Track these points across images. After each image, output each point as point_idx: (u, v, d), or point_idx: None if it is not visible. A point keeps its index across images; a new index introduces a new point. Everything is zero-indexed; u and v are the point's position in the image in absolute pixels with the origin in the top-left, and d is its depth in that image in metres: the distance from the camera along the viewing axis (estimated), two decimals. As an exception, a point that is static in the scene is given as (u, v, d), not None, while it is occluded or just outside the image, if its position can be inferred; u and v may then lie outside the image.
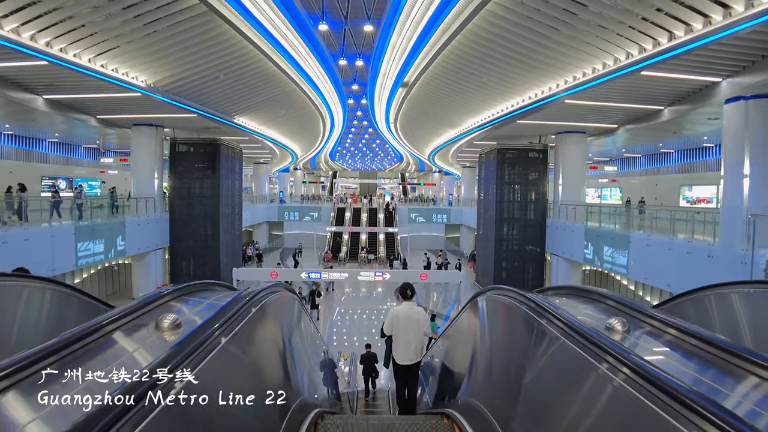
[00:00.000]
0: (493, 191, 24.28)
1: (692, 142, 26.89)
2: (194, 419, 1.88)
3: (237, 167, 25.93)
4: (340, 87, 20.03)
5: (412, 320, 5.21)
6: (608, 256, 17.98)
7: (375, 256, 36.37)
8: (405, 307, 5.26)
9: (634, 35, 11.43)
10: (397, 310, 5.30)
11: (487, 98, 17.90)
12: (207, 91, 16.99)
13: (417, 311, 5.34)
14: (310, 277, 13.80)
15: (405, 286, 5.37)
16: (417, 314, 5.30)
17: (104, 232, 18.19)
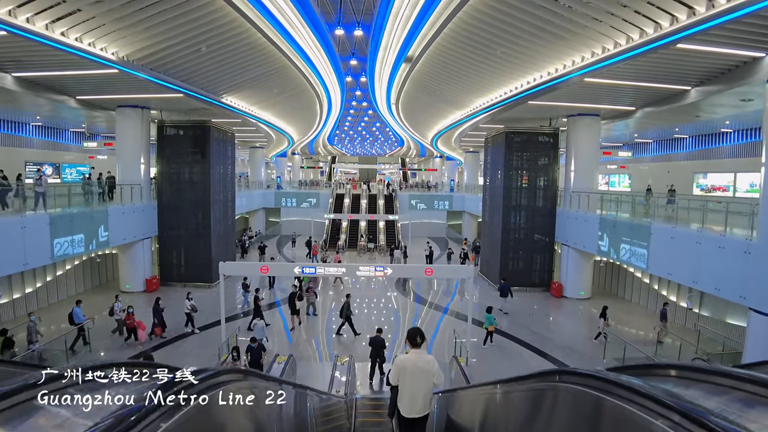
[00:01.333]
0: (499, 177, 22.96)
1: (708, 127, 25.46)
2: None
3: (229, 151, 24.55)
4: (337, 62, 18.50)
5: (421, 371, 4.62)
6: (626, 249, 16.75)
7: (375, 245, 35.17)
8: (413, 355, 4.71)
9: (666, 3, 10.04)
10: (404, 359, 4.74)
11: (500, 75, 16.38)
12: (190, 67, 15.46)
13: (426, 360, 4.74)
14: (303, 273, 12.55)
15: (413, 332, 4.76)
16: (426, 363, 4.70)
17: (84, 222, 16.90)
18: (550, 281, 22.58)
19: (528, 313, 19.15)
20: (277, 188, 43.66)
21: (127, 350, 14.50)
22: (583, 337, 16.54)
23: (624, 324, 17.69)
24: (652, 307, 19.82)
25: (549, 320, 18.70)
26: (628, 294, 21.62)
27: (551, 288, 22.22)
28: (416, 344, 4.73)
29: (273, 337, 15.92)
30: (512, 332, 16.63)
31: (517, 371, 11.74)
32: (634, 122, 22.11)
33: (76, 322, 14.67)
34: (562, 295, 21.62)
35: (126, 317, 15.05)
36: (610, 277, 23.16)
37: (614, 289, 22.73)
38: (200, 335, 15.90)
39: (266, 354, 11.96)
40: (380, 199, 42.52)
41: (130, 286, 21.30)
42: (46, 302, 18.91)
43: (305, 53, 16.20)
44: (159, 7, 11.17)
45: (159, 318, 15.74)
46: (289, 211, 42.19)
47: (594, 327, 17.66)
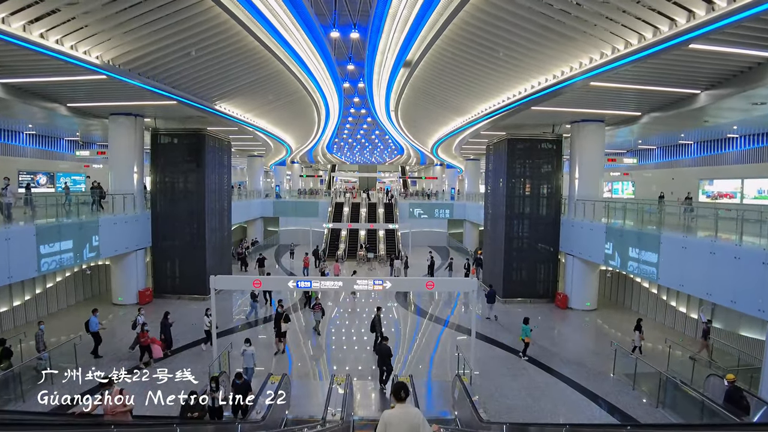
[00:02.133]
0: (502, 185, 22.40)
1: (714, 133, 24.99)
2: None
3: (225, 160, 24.02)
4: (334, 67, 18.00)
5: (407, 426, 4.55)
6: (634, 259, 16.14)
7: (375, 254, 34.54)
8: (399, 410, 4.66)
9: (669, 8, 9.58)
10: (389, 415, 4.65)
11: (503, 78, 15.83)
12: (180, 72, 14.94)
13: (413, 414, 4.65)
14: (299, 287, 11.94)
15: (398, 387, 4.80)
16: (413, 418, 4.61)
17: (73, 233, 16.33)
18: (555, 292, 21.94)
19: (532, 326, 18.46)
20: (277, 197, 43.16)
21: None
22: (590, 350, 15.89)
23: (633, 336, 16.99)
24: (660, 318, 19.18)
25: (554, 333, 18.04)
26: (636, 305, 20.96)
27: (556, 299, 21.58)
28: (401, 399, 4.71)
29: (270, 351, 15.32)
30: (517, 347, 15.96)
31: (524, 389, 11.09)
32: (639, 128, 21.62)
33: (92, 330, 14.58)
34: (568, 306, 20.98)
35: (140, 335, 14.10)
36: (617, 287, 22.52)
37: (621, 299, 22.07)
38: (192, 350, 15.27)
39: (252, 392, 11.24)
40: (380, 207, 41.98)
41: (123, 299, 20.70)
42: (34, 315, 18.28)
43: (300, 58, 15.72)
44: (143, 8, 10.68)
45: (167, 334, 14.94)
46: (288, 220, 41.67)
47: (600, 339, 17.05)
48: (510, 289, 21.99)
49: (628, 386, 12.88)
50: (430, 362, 14.74)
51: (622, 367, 13.79)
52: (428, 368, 14.40)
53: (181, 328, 17.35)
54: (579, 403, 11.98)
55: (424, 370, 14.22)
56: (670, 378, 11.55)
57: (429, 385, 13.15)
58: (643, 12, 10.14)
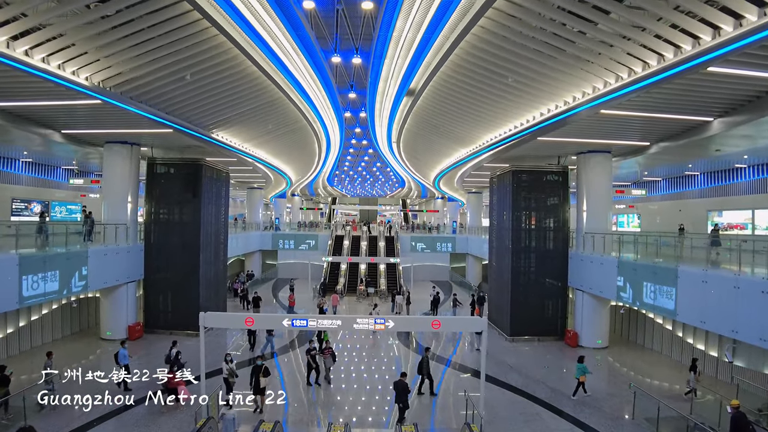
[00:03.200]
0: (507, 218, 21.73)
1: (722, 163, 24.52)
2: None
3: (223, 191, 23.44)
4: (335, 96, 17.60)
5: None
6: (649, 294, 15.30)
7: (375, 289, 33.55)
8: None
9: (692, 25, 9.13)
10: None
11: (510, 106, 15.35)
12: (174, 97, 14.41)
13: None
14: (294, 326, 11.07)
15: None
16: None
17: (60, 264, 15.57)
18: (564, 329, 20.95)
19: (542, 366, 17.47)
20: (276, 230, 42.48)
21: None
22: (606, 392, 14.84)
23: (649, 376, 16.00)
24: (677, 356, 18.15)
25: (566, 373, 16.99)
26: (649, 342, 19.95)
27: (566, 337, 20.55)
28: None
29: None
30: (528, 389, 14.93)
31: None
32: (646, 159, 21.12)
33: (122, 362, 14.17)
34: (578, 344, 19.94)
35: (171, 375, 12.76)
36: (628, 324, 21.53)
37: (633, 337, 21.05)
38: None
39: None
40: (381, 240, 41.24)
41: (111, 333, 19.71)
42: (16, 349, 17.32)
43: (300, 85, 15.32)
44: (135, 26, 10.25)
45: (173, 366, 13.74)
46: (287, 254, 40.88)
47: (615, 379, 16.00)
48: (517, 326, 20.98)
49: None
50: (432, 409, 13.65)
51: (642, 411, 12.76)
52: (432, 412, 13.34)
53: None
54: (599, 453, 10.94)
55: (428, 414, 13.16)
56: (698, 424, 10.55)
57: None
58: (663, 29, 9.66)
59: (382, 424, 12.60)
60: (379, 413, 13.36)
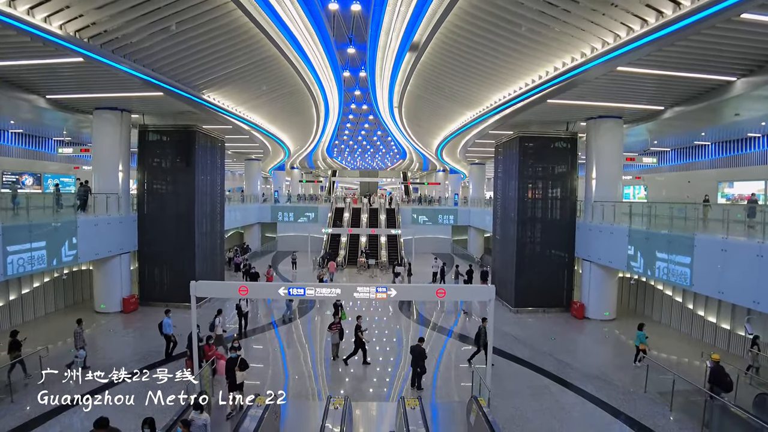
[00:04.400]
0: (513, 187, 20.97)
1: (734, 132, 23.68)
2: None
3: (218, 160, 22.64)
4: (333, 52, 16.46)
5: None
6: (662, 264, 14.67)
7: (376, 261, 33.05)
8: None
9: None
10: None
11: (520, 62, 14.22)
12: (160, 52, 13.27)
13: None
14: (290, 294, 10.47)
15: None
16: None
17: (47, 234, 14.91)
18: (570, 301, 20.44)
19: (549, 338, 16.99)
20: (275, 202, 41.77)
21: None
22: (616, 365, 14.36)
23: (659, 349, 15.51)
24: (686, 329, 17.67)
25: (574, 345, 16.53)
26: (657, 315, 19.46)
27: (572, 308, 20.07)
28: None
29: (266, 361, 13.87)
30: (535, 361, 14.45)
31: (548, 410, 9.53)
32: (658, 126, 20.22)
33: (166, 332, 14.39)
34: (584, 316, 19.47)
35: (206, 348, 12.56)
36: (635, 295, 21.02)
37: (641, 309, 20.55)
38: (174, 364, 13.76)
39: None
40: (382, 213, 40.56)
41: (105, 306, 19.26)
42: (8, 324, 16.82)
43: (295, 38, 14.21)
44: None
45: None
46: (286, 226, 40.28)
47: (625, 352, 15.51)
48: (522, 297, 20.48)
49: (663, 407, 11.37)
50: (433, 384, 13.16)
51: (655, 385, 12.29)
52: (435, 386, 12.86)
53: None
54: (612, 427, 10.45)
55: (430, 388, 12.69)
56: (716, 398, 10.03)
57: (435, 407, 11.60)
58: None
59: (383, 397, 12.14)
60: (381, 386, 12.90)
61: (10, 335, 12.62)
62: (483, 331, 13.62)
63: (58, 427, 10.03)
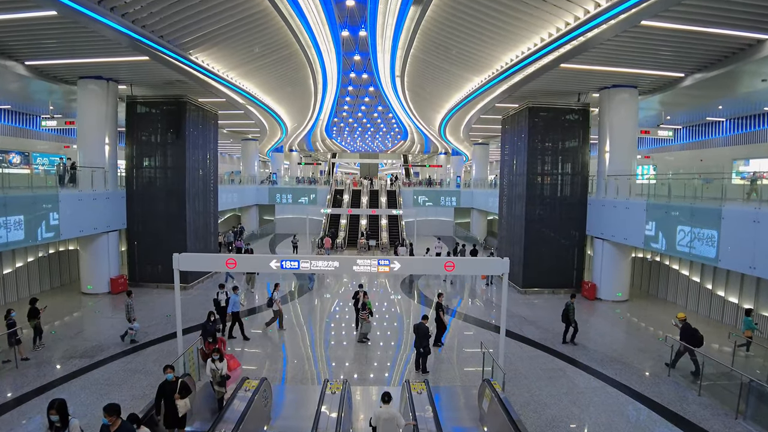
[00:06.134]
0: (521, 161, 19.89)
1: (751, 107, 22.46)
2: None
3: (211, 133, 21.53)
4: (330, 5, 15.12)
5: (388, 419, 7.14)
6: (684, 240, 13.68)
7: (376, 242, 32.10)
8: (383, 409, 7.22)
9: None
10: (378, 412, 7.23)
11: (537, 11, 12.76)
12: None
13: (391, 413, 7.19)
14: (283, 267, 9.47)
15: (385, 396, 7.31)
16: (391, 415, 7.17)
17: (24, 208, 13.91)
18: (581, 281, 19.50)
19: (560, 319, 16.04)
20: (273, 184, 40.71)
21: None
22: (634, 346, 13.43)
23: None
24: (704, 311, 16.75)
25: (588, 327, 15.59)
26: (672, 296, 18.53)
27: (583, 289, 19.13)
28: (385, 401, 7.28)
29: (255, 342, 12.97)
30: (546, 343, 13.55)
31: (565, 395, 8.51)
32: (674, 96, 19.00)
33: (231, 310, 13.63)
34: (596, 297, 18.55)
35: (206, 345, 11.26)
36: (648, 276, 20.06)
37: (654, 290, 19.61)
38: (160, 347, 12.86)
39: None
40: (383, 195, 39.53)
41: (93, 287, 18.34)
42: (-10, 305, 15.92)
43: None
44: None
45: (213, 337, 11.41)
46: (285, 208, 39.27)
47: (642, 334, 14.61)
48: (530, 278, 19.53)
49: (690, 391, 10.46)
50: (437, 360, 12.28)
51: (680, 368, 11.38)
52: (442, 369, 11.95)
53: (158, 319, 15.08)
54: (637, 413, 9.53)
55: (436, 371, 11.78)
56: (754, 381, 9.10)
57: (437, 390, 10.70)
58: None
59: (384, 381, 11.23)
60: (382, 369, 11.99)
61: (30, 302, 12.67)
62: (571, 307, 13.55)
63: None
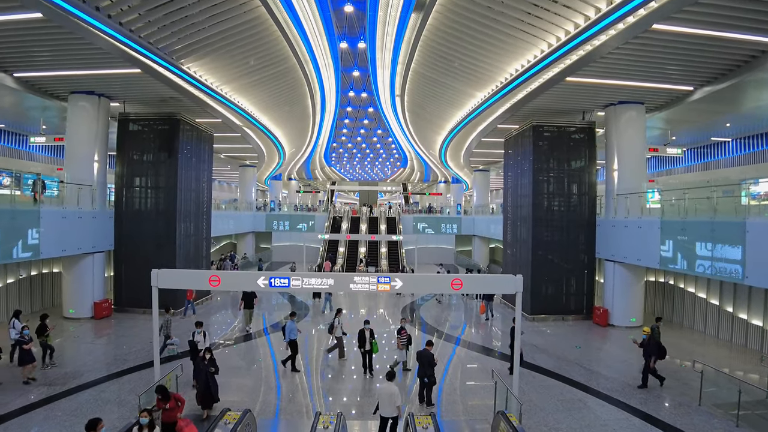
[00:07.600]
0: (527, 183, 19.17)
1: (757, 126, 21.89)
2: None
3: (205, 153, 20.88)
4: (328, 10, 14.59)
5: (389, 393, 8.16)
6: (704, 258, 12.79)
7: (376, 269, 31.09)
8: (386, 385, 8.38)
9: None
10: (381, 387, 8.82)
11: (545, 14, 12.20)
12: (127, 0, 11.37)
13: (392, 390, 8.19)
14: (272, 285, 8.54)
15: (390, 373, 8.73)
16: (392, 390, 8.20)
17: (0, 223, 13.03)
18: (592, 307, 18.48)
19: (573, 346, 14.97)
20: (271, 210, 39.95)
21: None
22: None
23: (699, 358, 13.50)
24: (725, 335, 15.71)
25: (603, 355, 14.52)
26: (689, 320, 17.51)
27: (594, 315, 18.09)
28: (390, 378, 8.53)
29: (244, 372, 11.88)
30: (561, 371, 12.45)
31: (588, 428, 6.71)
32: (681, 112, 18.32)
33: (288, 338, 12.47)
34: (608, 323, 17.50)
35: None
36: (662, 300, 19.05)
37: (669, 315, 18.55)
38: (139, 374, 11.78)
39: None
40: (382, 223, 38.76)
41: (75, 311, 17.32)
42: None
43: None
44: None
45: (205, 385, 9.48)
46: (281, 236, 38.41)
47: (662, 361, 13.49)
48: (538, 304, 18.50)
49: (725, 421, 9.36)
50: (438, 401, 11.16)
51: (710, 396, 10.30)
52: (444, 401, 10.85)
53: (142, 344, 13.98)
54: (669, 448, 8.43)
55: (440, 403, 10.68)
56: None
57: (441, 425, 9.60)
58: None
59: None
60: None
61: (40, 318, 12.64)
62: (657, 331, 13.08)
63: None
